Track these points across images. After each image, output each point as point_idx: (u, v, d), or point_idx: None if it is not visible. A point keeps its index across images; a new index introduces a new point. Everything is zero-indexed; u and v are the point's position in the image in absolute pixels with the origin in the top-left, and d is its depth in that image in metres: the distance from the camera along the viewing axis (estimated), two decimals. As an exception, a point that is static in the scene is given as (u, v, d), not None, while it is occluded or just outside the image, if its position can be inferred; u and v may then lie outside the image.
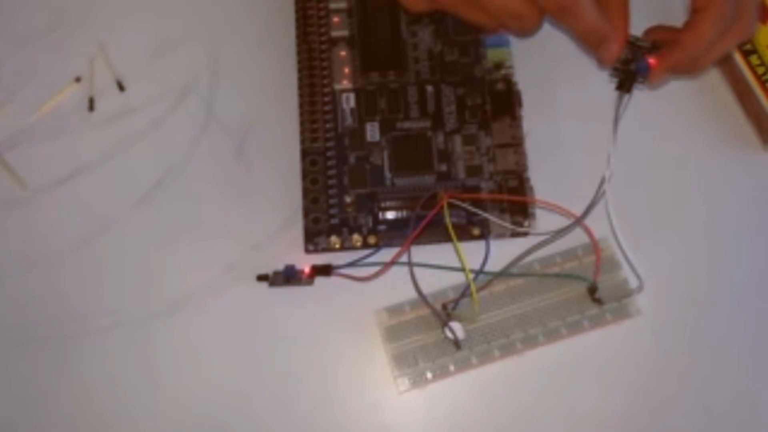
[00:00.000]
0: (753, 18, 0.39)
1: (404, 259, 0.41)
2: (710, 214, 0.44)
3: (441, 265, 0.42)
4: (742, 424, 0.41)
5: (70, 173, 0.45)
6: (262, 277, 0.42)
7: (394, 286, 0.42)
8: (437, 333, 0.42)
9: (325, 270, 0.42)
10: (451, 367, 0.41)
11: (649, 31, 0.41)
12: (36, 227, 0.44)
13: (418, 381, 0.41)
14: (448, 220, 0.41)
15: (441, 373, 0.41)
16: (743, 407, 0.41)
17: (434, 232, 0.42)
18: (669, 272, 0.43)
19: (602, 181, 0.40)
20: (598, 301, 0.42)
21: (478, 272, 0.41)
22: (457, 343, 0.41)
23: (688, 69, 0.40)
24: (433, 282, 0.42)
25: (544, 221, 0.43)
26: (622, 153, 0.43)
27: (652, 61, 0.39)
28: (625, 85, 0.40)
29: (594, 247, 0.42)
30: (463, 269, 0.41)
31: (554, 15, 0.37)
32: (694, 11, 0.38)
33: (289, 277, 0.42)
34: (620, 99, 0.40)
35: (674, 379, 0.42)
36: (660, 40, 0.39)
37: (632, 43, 0.39)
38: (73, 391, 0.41)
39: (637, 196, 0.44)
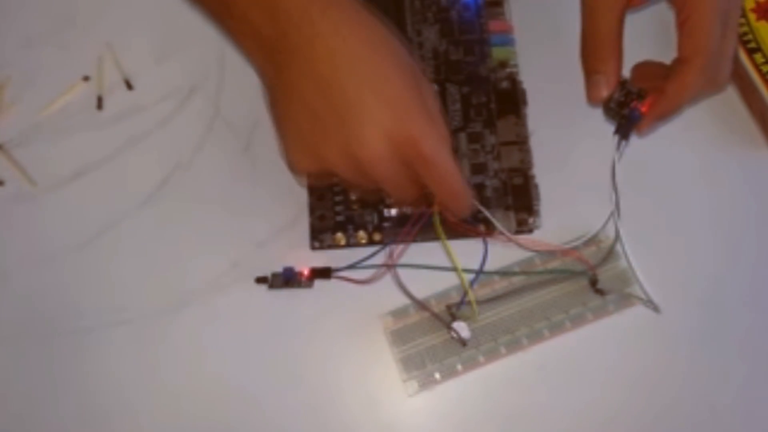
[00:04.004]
0: (730, 70, 0.37)
1: (403, 261, 0.38)
2: (715, 212, 0.41)
3: (438, 266, 0.38)
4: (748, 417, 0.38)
5: (78, 171, 0.42)
6: (260, 280, 0.39)
7: (397, 288, 0.39)
8: (443, 333, 0.38)
9: (324, 273, 0.39)
10: (459, 367, 0.38)
11: (637, 67, 0.39)
12: (44, 224, 0.41)
13: (426, 383, 0.38)
14: (436, 220, 0.37)
15: (449, 373, 0.38)
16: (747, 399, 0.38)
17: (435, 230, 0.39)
18: (672, 267, 0.40)
19: (611, 215, 0.38)
20: (600, 292, 0.39)
21: (479, 272, 0.38)
22: (463, 342, 0.38)
23: (672, 115, 0.38)
24: (438, 281, 0.39)
25: (547, 217, 0.40)
26: (626, 151, 0.41)
27: (644, 109, 0.36)
28: (622, 131, 0.37)
29: (589, 268, 0.39)
30: (455, 269, 0.37)
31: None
32: (680, 61, 0.36)
33: (287, 279, 0.39)
34: (619, 143, 0.37)
35: (679, 368, 0.39)
36: (645, 88, 0.37)
37: (623, 85, 0.37)
38: (76, 386, 0.39)
39: (641, 194, 0.40)
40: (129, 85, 0.43)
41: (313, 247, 0.40)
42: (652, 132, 0.41)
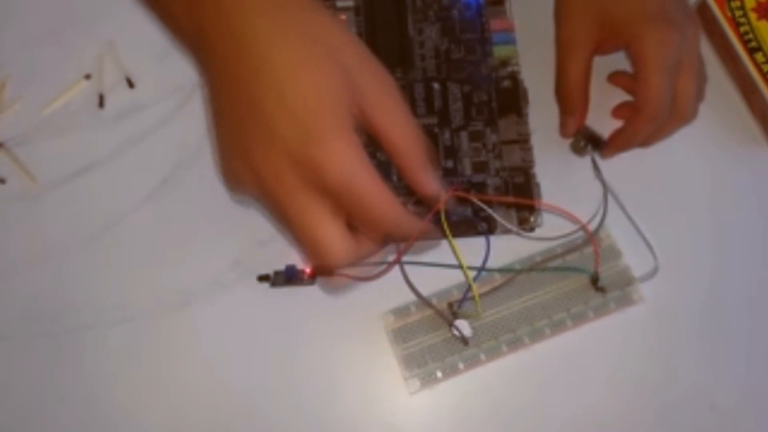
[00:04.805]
0: (691, 108, 0.39)
1: (405, 259, 0.37)
2: (716, 210, 0.41)
3: (442, 264, 0.38)
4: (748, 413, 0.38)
5: (80, 169, 0.41)
6: (263, 278, 0.38)
7: (398, 286, 0.38)
8: (445, 332, 0.38)
9: (326, 270, 0.38)
10: (461, 365, 0.38)
11: (612, 75, 0.43)
12: (45, 222, 0.40)
13: (428, 381, 0.38)
14: (444, 219, 0.37)
15: (450, 372, 0.38)
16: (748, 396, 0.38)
17: (440, 227, 0.39)
18: (673, 264, 0.39)
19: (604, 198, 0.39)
20: (601, 290, 0.39)
21: (480, 269, 0.37)
22: (464, 341, 0.37)
23: (640, 146, 0.41)
24: (439, 280, 0.38)
25: (549, 215, 0.39)
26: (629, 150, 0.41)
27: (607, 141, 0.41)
28: (597, 148, 0.41)
29: (593, 244, 0.38)
30: (461, 267, 0.37)
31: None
32: (635, 107, 0.39)
33: (290, 277, 0.38)
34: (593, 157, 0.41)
35: (680, 367, 0.38)
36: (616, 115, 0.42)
37: (586, 127, 0.41)
38: (78, 383, 0.38)
39: (643, 193, 0.40)
40: (130, 84, 0.42)
41: (314, 246, 0.39)
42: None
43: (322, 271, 0.38)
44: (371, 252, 0.33)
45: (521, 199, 0.39)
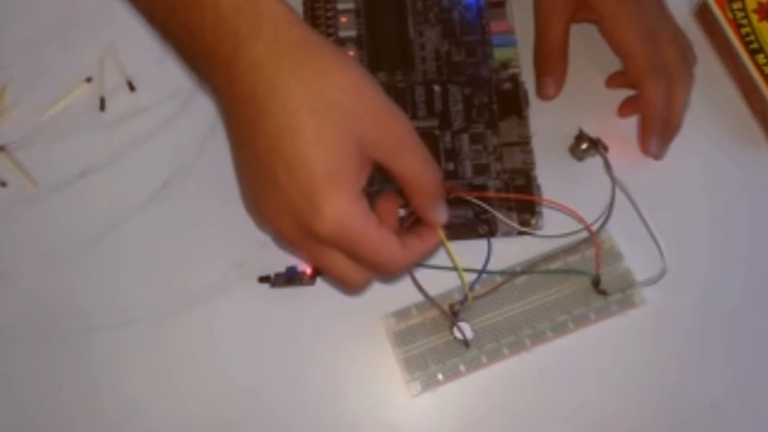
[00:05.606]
0: (686, 68, 0.40)
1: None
2: (716, 211, 0.41)
3: (442, 266, 0.38)
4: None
5: (81, 172, 0.41)
6: (263, 279, 0.38)
7: (398, 287, 0.38)
8: (446, 334, 0.38)
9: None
10: (462, 368, 0.37)
11: (609, 80, 0.43)
12: (46, 225, 0.40)
13: (429, 384, 0.37)
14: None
15: (452, 374, 0.37)
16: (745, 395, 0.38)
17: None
18: (674, 266, 0.39)
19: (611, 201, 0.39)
20: (602, 293, 0.39)
21: (481, 272, 0.37)
22: (466, 343, 0.37)
23: (669, 132, 0.41)
24: (439, 283, 0.38)
25: (550, 217, 0.39)
26: (630, 151, 0.41)
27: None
28: (606, 149, 0.40)
29: (594, 244, 0.38)
30: (456, 268, 0.36)
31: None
32: (636, 85, 0.40)
33: (290, 278, 0.38)
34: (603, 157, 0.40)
35: (680, 368, 0.38)
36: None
37: (583, 134, 0.40)
38: (80, 387, 0.38)
39: (643, 195, 0.40)
40: (131, 87, 0.42)
41: (315, 248, 0.39)
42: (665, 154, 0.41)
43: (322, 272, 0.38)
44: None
45: (521, 198, 0.39)
